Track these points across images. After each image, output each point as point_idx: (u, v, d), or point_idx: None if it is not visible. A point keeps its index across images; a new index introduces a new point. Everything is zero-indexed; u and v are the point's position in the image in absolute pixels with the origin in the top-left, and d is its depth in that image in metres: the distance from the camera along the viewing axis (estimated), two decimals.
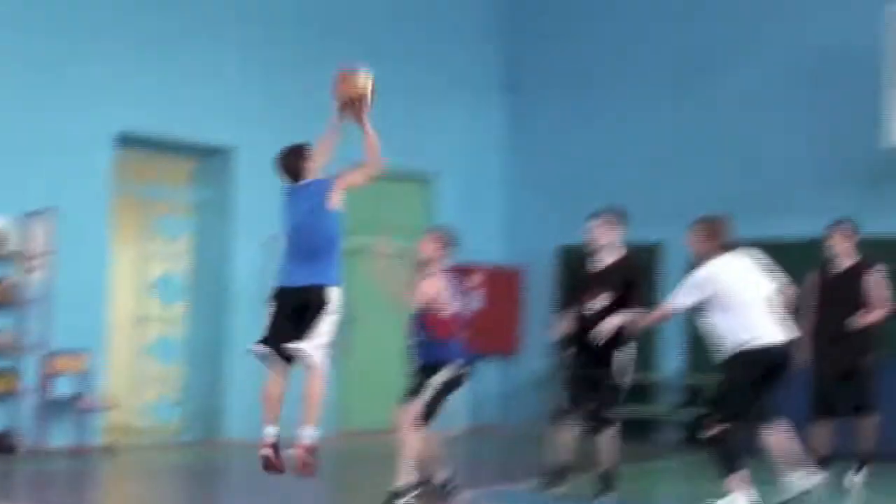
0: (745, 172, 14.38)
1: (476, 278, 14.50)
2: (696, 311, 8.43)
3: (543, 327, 15.29)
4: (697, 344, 12.71)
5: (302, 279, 6.96)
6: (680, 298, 8.39)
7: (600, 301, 9.05)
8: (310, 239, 7.04)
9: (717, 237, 8.42)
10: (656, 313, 8.85)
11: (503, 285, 15.71)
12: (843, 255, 10.25)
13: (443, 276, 8.72)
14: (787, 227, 13.67)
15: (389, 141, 14.24)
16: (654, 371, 14.62)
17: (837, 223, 10.40)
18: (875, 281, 10.07)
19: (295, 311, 6.89)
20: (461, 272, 9.89)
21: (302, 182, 7.21)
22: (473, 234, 12.93)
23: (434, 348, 8.64)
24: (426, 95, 15.30)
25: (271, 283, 7.11)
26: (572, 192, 15.61)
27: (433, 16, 15.61)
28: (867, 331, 10.00)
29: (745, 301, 8.22)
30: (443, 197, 15.54)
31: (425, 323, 8.70)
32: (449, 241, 8.87)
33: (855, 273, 10.13)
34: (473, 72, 16.15)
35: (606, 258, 9.32)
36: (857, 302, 10.04)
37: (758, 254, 8.63)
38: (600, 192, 14.85)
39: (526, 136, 16.29)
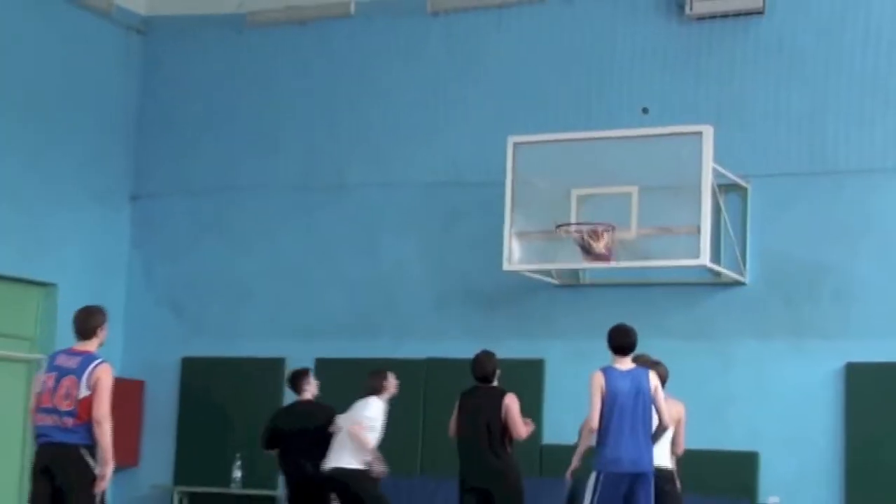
0: (372, 291, 14.47)
1: None
2: None
3: (164, 439, 14.95)
4: None
5: None
6: None
7: None
8: None
9: None
10: None
11: (123, 397, 15.02)
12: None
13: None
14: (408, 347, 13.89)
15: (10, 244, 13.88)
16: None
17: None
18: None
19: None
20: None
21: None
22: None
23: None
24: (51, 201, 14.79)
25: None
26: (196, 302, 15.41)
27: (58, 121, 15.00)
28: None
29: None
30: (65, 305, 14.51)
31: None
32: None
33: None
34: (99, 179, 15.61)
35: None
36: None
37: None
38: (225, 305, 15.15)
39: (150, 245, 15.87)
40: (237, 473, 14.41)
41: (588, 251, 12.08)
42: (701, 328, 12.56)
